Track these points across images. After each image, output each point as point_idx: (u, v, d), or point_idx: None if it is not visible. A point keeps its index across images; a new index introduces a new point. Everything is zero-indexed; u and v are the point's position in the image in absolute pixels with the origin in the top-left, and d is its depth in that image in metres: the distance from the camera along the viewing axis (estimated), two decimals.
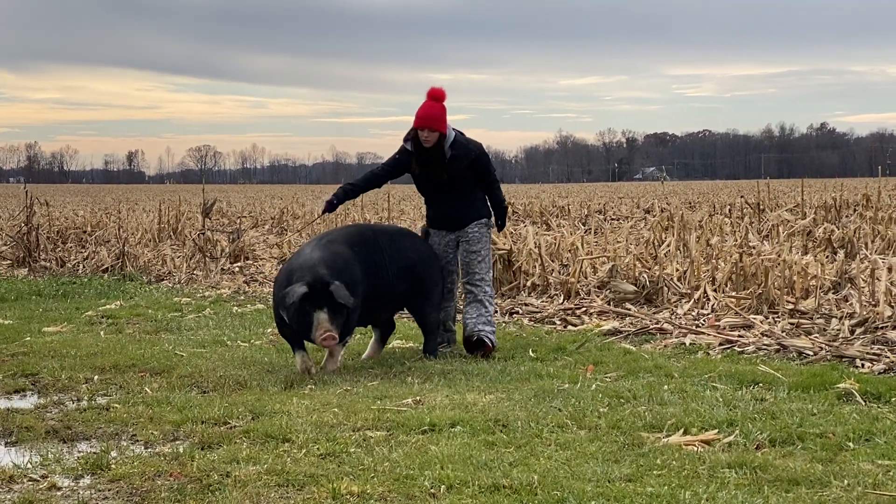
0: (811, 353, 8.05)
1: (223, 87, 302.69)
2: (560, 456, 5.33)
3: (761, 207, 20.31)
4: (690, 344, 8.68)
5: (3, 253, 18.13)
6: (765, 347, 8.38)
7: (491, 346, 8.41)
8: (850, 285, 10.22)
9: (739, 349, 8.38)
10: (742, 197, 22.74)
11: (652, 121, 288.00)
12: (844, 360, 7.81)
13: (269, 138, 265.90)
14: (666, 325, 9.46)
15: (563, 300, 11.25)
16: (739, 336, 8.81)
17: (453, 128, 8.46)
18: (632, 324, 9.74)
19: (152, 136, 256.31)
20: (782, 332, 8.84)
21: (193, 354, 8.63)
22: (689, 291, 10.82)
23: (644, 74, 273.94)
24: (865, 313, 8.89)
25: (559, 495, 4.67)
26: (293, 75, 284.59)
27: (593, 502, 4.61)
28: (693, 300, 10.44)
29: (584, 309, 10.64)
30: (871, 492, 4.66)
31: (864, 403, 6.34)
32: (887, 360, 7.63)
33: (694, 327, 9.30)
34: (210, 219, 17.93)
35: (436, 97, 8.41)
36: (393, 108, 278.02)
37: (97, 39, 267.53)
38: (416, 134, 8.36)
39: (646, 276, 11.09)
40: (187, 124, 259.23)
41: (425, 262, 8.39)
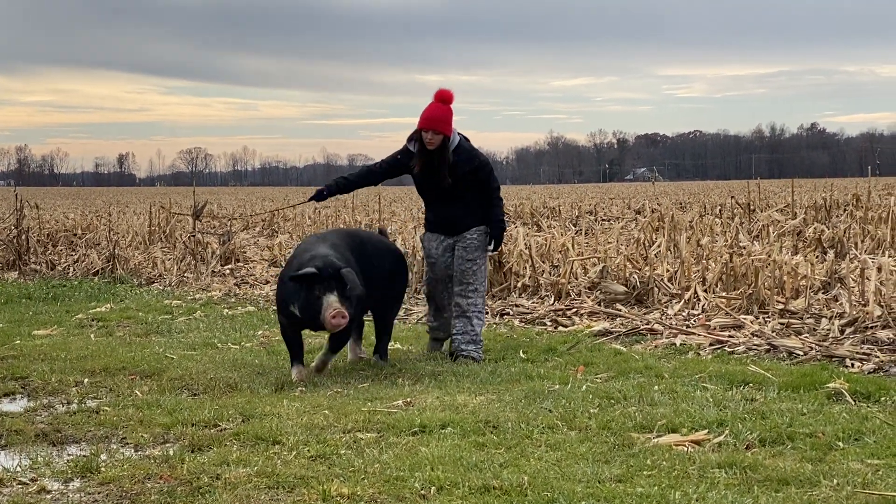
0: (801, 352, 8.07)
1: (213, 90, 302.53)
2: (550, 457, 5.34)
3: (752, 208, 20.34)
4: (681, 344, 8.70)
5: None
6: (755, 347, 8.40)
7: (475, 360, 8.25)
8: (839, 285, 10.24)
9: (730, 349, 8.40)
10: (733, 197, 22.75)
11: (643, 121, 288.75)
12: (834, 359, 7.83)
13: (260, 140, 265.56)
14: (656, 326, 9.47)
15: (554, 301, 11.26)
16: (730, 336, 8.82)
17: (459, 132, 8.27)
18: (622, 324, 9.75)
19: (143, 138, 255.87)
20: (772, 332, 8.86)
21: (184, 357, 8.62)
22: (679, 292, 10.84)
23: (635, 75, 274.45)
24: (855, 313, 8.91)
25: (549, 496, 4.67)
26: (283, 77, 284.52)
27: (583, 503, 4.61)
28: (683, 300, 10.45)
29: (575, 310, 10.65)
30: (861, 491, 4.66)
31: (853, 403, 6.36)
32: (877, 360, 7.65)
33: (684, 328, 9.31)
34: (200, 221, 17.89)
35: (443, 99, 8.18)
36: (383, 109, 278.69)
37: (88, 42, 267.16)
38: (419, 135, 8.20)
39: (636, 276, 11.10)
40: (178, 127, 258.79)
41: (400, 274, 8.40)
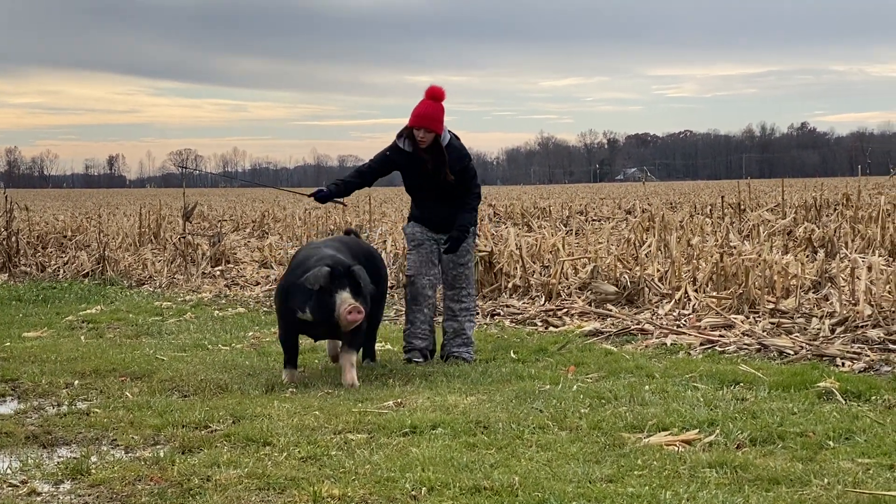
0: (792, 352, 8.08)
1: (204, 91, 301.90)
2: (541, 457, 5.33)
3: (742, 207, 20.37)
4: (671, 344, 8.71)
5: None
6: (745, 347, 8.41)
7: (466, 361, 8.24)
8: (830, 284, 10.26)
9: (720, 349, 8.41)
10: (722, 197, 22.78)
11: (633, 122, 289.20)
12: (825, 359, 7.84)
13: (250, 141, 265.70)
14: (647, 326, 9.48)
15: (545, 301, 11.26)
16: (720, 336, 8.83)
17: (449, 130, 8.19)
18: (613, 325, 9.76)
19: (133, 140, 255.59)
20: (763, 331, 8.87)
21: (174, 358, 8.60)
22: (670, 292, 10.84)
23: (625, 75, 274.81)
24: (846, 312, 8.93)
25: (540, 496, 4.67)
26: (273, 78, 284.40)
27: (574, 503, 4.61)
28: (674, 300, 10.46)
29: (566, 310, 10.66)
30: (852, 490, 4.67)
31: (844, 402, 6.37)
32: (867, 359, 7.67)
33: (675, 328, 9.32)
34: (191, 222, 17.87)
35: (434, 96, 8.05)
36: (374, 110, 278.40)
37: (77, 43, 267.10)
38: (411, 133, 8.08)
39: (627, 276, 11.11)
40: (168, 128, 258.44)
41: (383, 276, 8.39)
